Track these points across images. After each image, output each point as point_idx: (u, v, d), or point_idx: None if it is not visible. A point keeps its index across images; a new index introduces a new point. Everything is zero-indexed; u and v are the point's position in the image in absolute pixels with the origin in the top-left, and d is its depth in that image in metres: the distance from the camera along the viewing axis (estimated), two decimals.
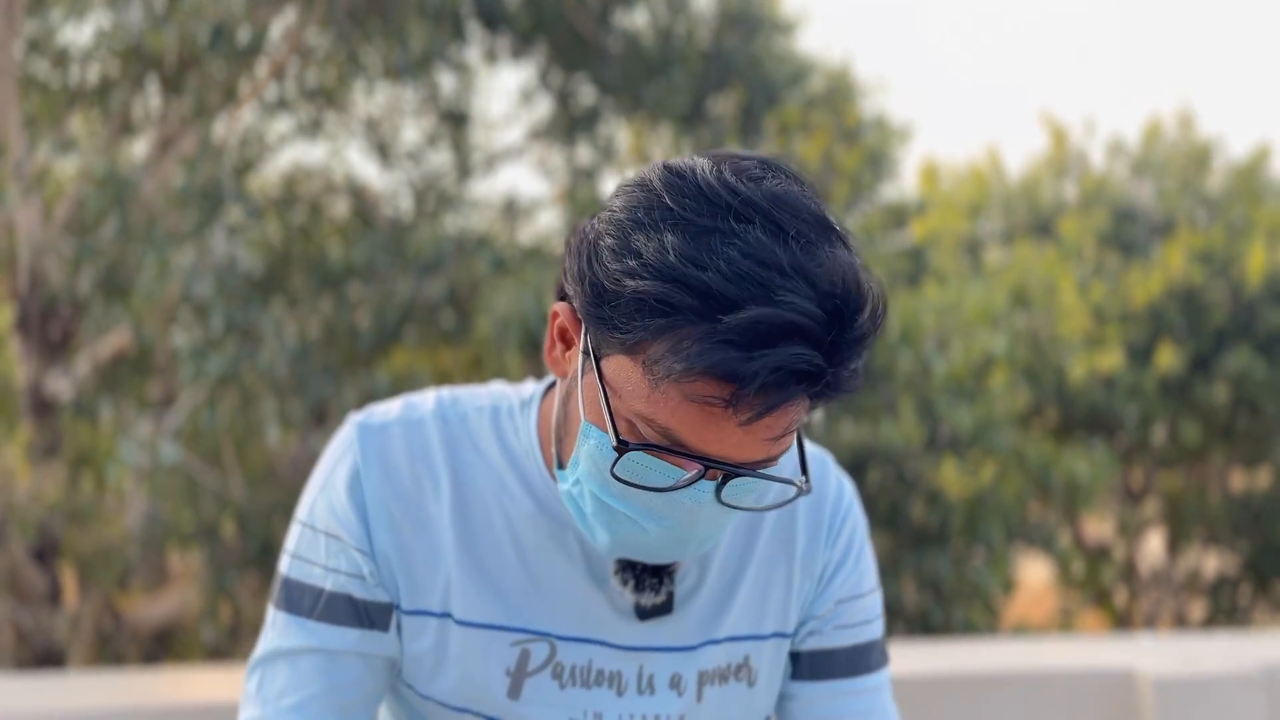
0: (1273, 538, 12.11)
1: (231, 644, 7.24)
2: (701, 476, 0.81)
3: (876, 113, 9.27)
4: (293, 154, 10.92)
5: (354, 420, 0.99)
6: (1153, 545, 13.26)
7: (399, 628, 0.95)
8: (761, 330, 0.73)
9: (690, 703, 0.97)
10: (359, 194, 6.77)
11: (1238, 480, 13.05)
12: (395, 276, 5.63)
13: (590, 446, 0.84)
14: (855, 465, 5.89)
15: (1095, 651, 1.98)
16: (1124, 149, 12.78)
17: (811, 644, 1.01)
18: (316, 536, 0.95)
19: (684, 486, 0.81)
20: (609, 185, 8.72)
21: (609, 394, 0.82)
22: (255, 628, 7.65)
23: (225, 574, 6.61)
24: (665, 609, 0.95)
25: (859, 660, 1.02)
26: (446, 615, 0.94)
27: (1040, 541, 8.57)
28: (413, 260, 5.63)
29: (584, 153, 8.48)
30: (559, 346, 0.91)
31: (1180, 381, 11.19)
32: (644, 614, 0.95)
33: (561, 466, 0.91)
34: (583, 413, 0.85)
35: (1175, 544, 12.87)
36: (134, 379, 6.83)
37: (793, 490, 0.85)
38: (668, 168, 0.81)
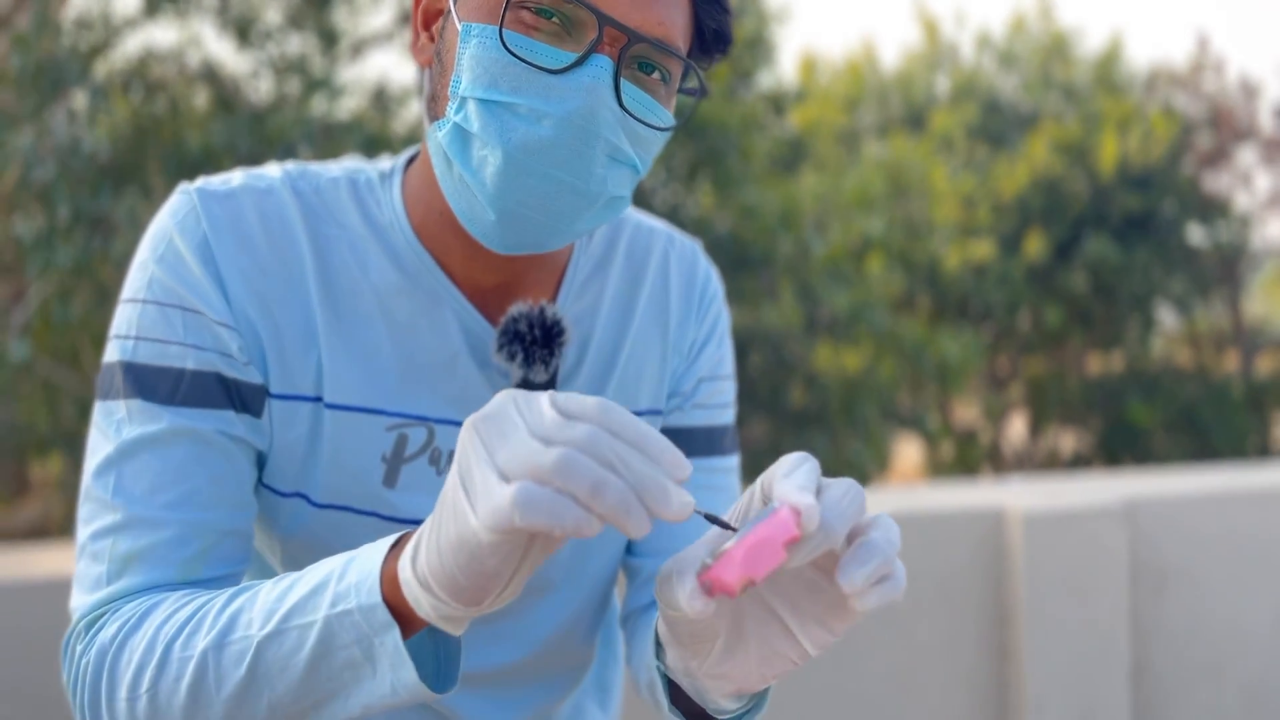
0: (1123, 417, 12.87)
1: None
2: (595, 46, 0.76)
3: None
4: (143, 37, 10.22)
5: (187, 187, 0.86)
6: (1016, 427, 13.94)
7: (270, 414, 0.84)
8: None
9: None
10: (216, 77, 6.38)
11: (1094, 364, 13.77)
12: (258, 161, 5.34)
13: (473, 47, 0.77)
14: (738, 350, 5.97)
15: (966, 494, 2.04)
16: (991, 42, 13.00)
17: (673, 421, 0.99)
18: (165, 312, 0.81)
19: (582, 61, 0.76)
20: None
21: None
22: None
23: None
24: (548, 388, 0.89)
25: (714, 442, 1.01)
26: (318, 399, 0.85)
27: (913, 423, 8.90)
28: (276, 144, 5.35)
29: None
30: (423, 36, 0.85)
31: (1044, 269, 11.64)
32: (536, 388, 0.88)
33: (437, 119, 0.81)
34: (458, 21, 0.78)
35: (1036, 425, 13.57)
36: None
37: (671, 121, 0.82)
38: None
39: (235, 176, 0.88)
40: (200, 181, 0.88)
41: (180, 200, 0.86)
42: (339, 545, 0.82)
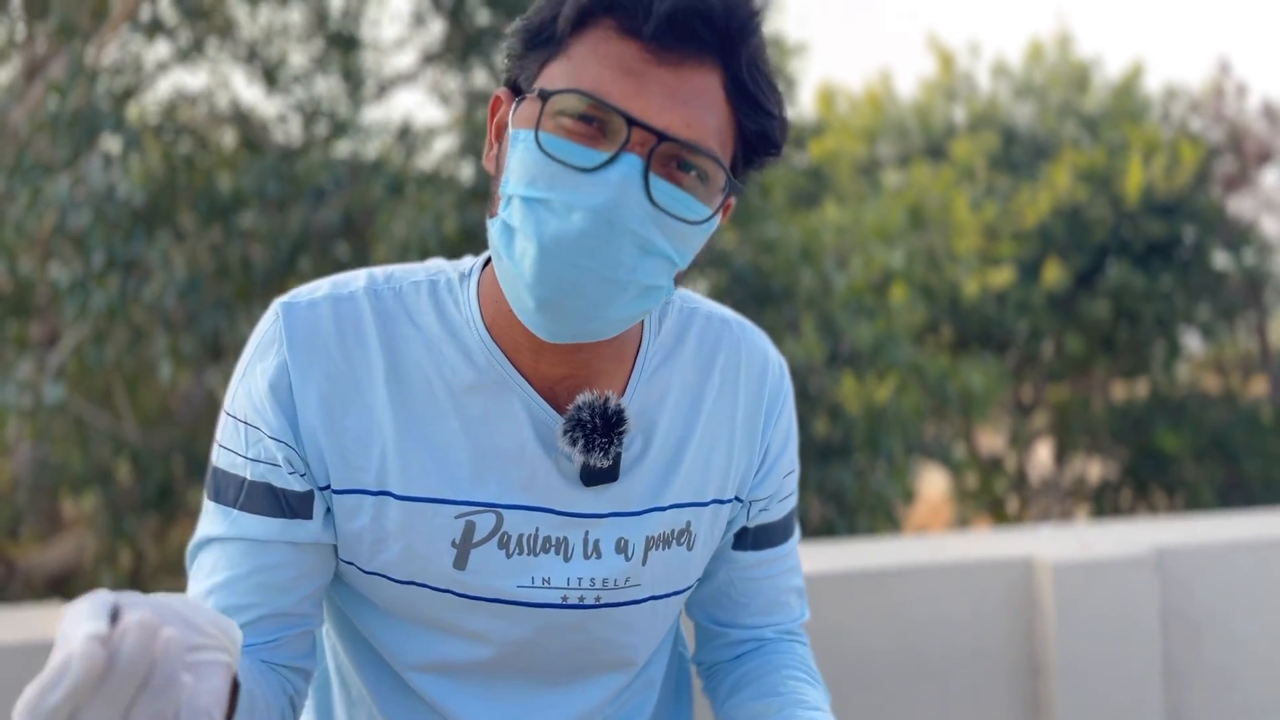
0: (1150, 444, 12.76)
1: (132, 589, 7.07)
2: (625, 145, 0.82)
3: (772, 32, 9.25)
4: (173, 80, 10.42)
5: (279, 301, 0.96)
6: (1041, 455, 13.85)
7: (329, 509, 0.94)
8: None
9: (636, 565, 0.98)
10: (245, 120, 6.50)
11: (1119, 391, 13.67)
12: (287, 204, 5.43)
13: (519, 151, 0.85)
14: None
15: (995, 543, 2.05)
16: (1008, 71, 13.03)
17: (760, 519, 1.07)
18: (238, 426, 0.94)
19: (613, 161, 0.82)
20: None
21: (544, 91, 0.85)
22: (159, 571, 7.47)
23: (123, 517, 6.42)
24: (611, 475, 0.95)
25: (789, 526, 1.10)
26: (384, 493, 0.93)
27: (938, 454, 8.86)
28: (304, 186, 5.44)
29: (480, 76, 8.27)
30: (495, 146, 0.92)
31: (1066, 296, 11.60)
32: (590, 479, 0.95)
33: (493, 216, 0.90)
34: (513, 125, 0.86)
35: (1062, 453, 13.47)
36: (11, 319, 6.51)
37: (704, 213, 0.86)
38: None
39: (323, 285, 0.97)
40: (291, 294, 0.97)
41: (268, 318, 0.96)
42: (425, 613, 0.96)
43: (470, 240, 5.29)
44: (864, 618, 1.83)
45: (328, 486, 0.93)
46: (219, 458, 0.95)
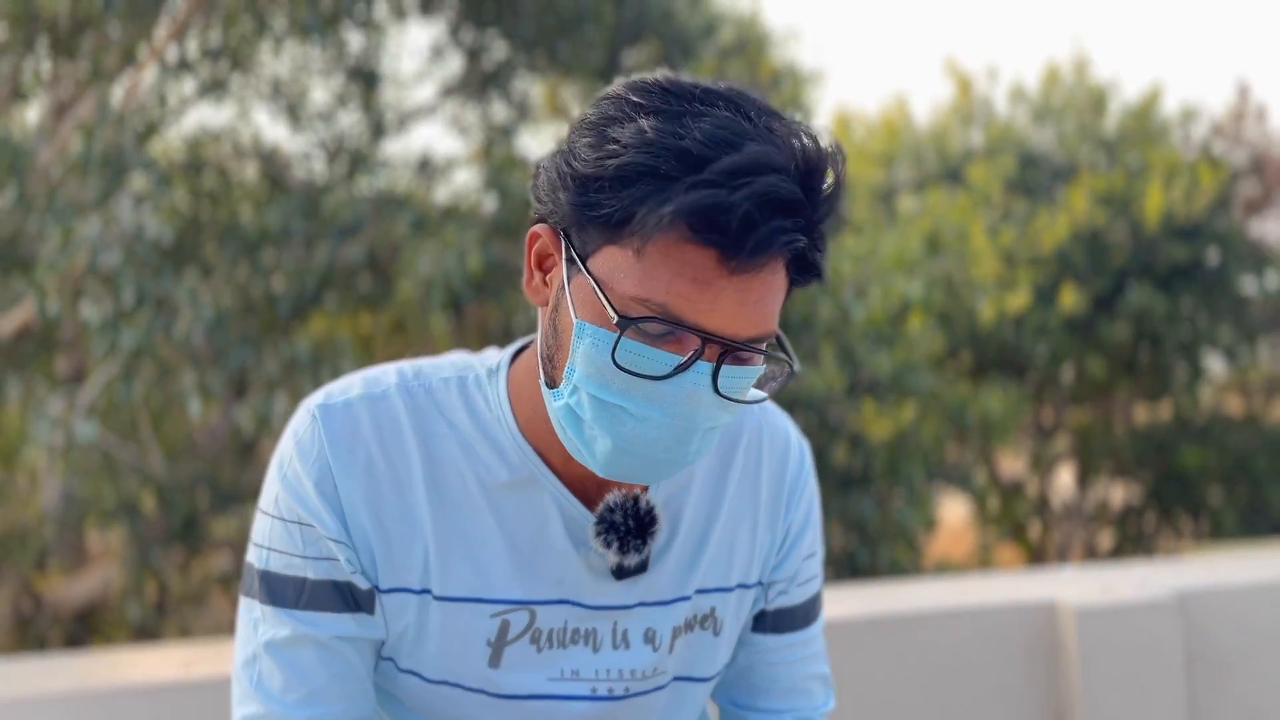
0: (1174, 468, 12.66)
1: (158, 621, 7.12)
2: (699, 356, 0.82)
3: (787, 61, 9.31)
4: (197, 117, 10.56)
5: (312, 404, 0.96)
6: (1063, 479, 13.76)
7: (381, 608, 0.95)
8: (739, 167, 0.78)
9: (664, 654, 1.00)
10: (269, 157, 6.59)
11: (1141, 414, 13.58)
12: (312, 240, 5.51)
13: (586, 345, 0.84)
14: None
15: (1017, 586, 2.07)
16: (1025, 95, 13.05)
17: (778, 603, 1.07)
18: (289, 528, 0.94)
19: (685, 368, 0.82)
20: (525, 143, 8.63)
21: (601, 286, 0.83)
22: (182, 603, 7.53)
23: (149, 550, 6.48)
24: (641, 568, 0.97)
25: (810, 611, 1.10)
26: (426, 591, 0.94)
27: (959, 480, 8.84)
28: (329, 223, 5.51)
29: (499, 110, 8.36)
30: (537, 275, 0.91)
31: (1085, 320, 11.57)
32: (621, 574, 0.96)
33: (553, 386, 0.89)
34: (574, 315, 0.85)
35: (1084, 477, 13.38)
36: (41, 355, 6.60)
37: (762, 395, 0.89)
38: (629, 80, 0.86)
39: (355, 386, 0.98)
40: (322, 395, 0.98)
41: (302, 420, 0.97)
42: (454, 714, 0.97)
43: (494, 275, 5.34)
44: (887, 663, 1.85)
45: (376, 586, 0.94)
46: (268, 560, 0.94)
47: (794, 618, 1.08)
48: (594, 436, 0.86)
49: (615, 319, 0.81)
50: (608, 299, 0.82)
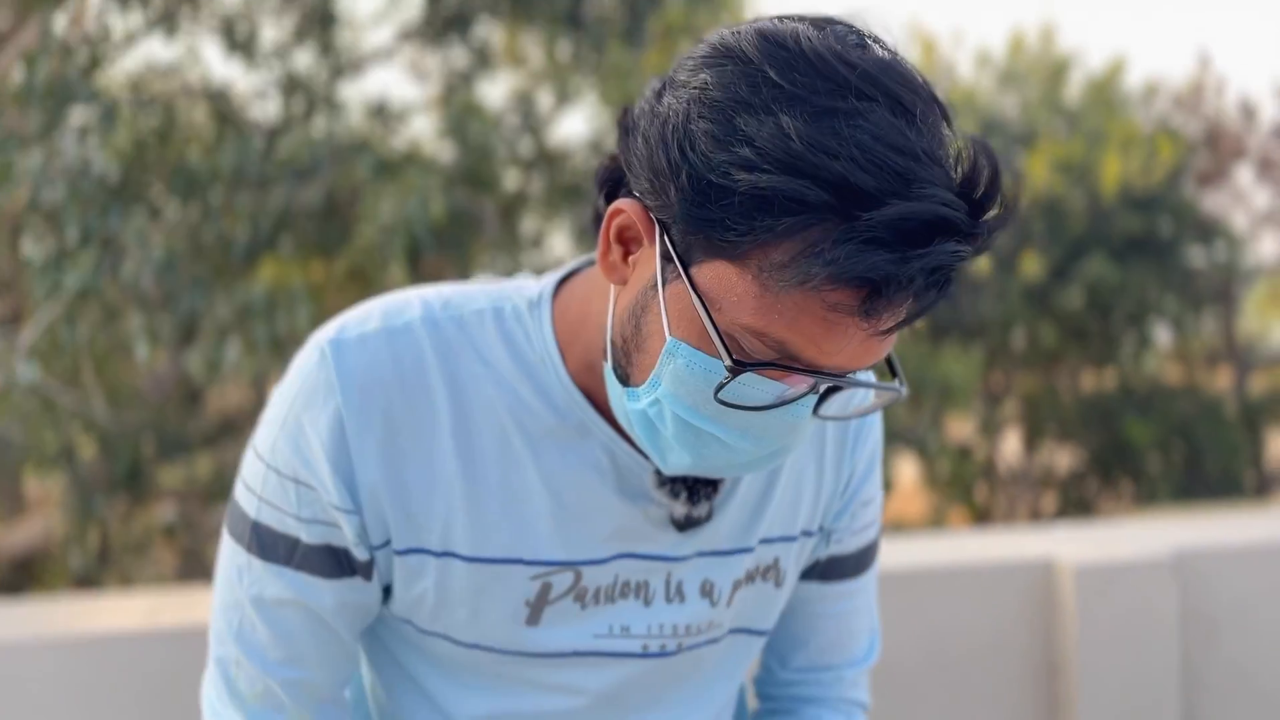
0: (1117, 434, 12.91)
1: (101, 570, 6.94)
2: (810, 391, 0.73)
3: (755, 14, 9.18)
4: (144, 51, 10.19)
5: (323, 338, 0.84)
6: (1011, 444, 13.97)
7: (390, 569, 0.86)
8: (911, 227, 0.64)
9: (721, 609, 0.91)
10: (220, 96, 6.35)
11: (1088, 381, 13.81)
12: (266, 182, 5.32)
13: (679, 367, 0.72)
14: None
15: (1014, 543, 2.03)
16: (990, 61, 13.06)
17: (832, 550, 0.99)
18: (285, 484, 0.83)
19: (790, 402, 0.73)
20: (486, 90, 8.43)
21: (709, 306, 0.70)
22: (125, 553, 7.35)
23: (91, 498, 6.30)
24: (708, 517, 0.87)
25: (864, 559, 1.01)
26: (448, 554, 0.84)
27: (915, 443, 8.91)
28: (285, 165, 5.32)
29: (458, 55, 8.15)
30: (615, 250, 0.77)
31: (1040, 287, 11.68)
32: (687, 525, 0.87)
33: (627, 383, 0.78)
34: (667, 329, 0.72)
35: (1031, 442, 13.59)
36: None
37: (883, 397, 0.79)
38: (763, 35, 0.69)
39: (372, 317, 0.85)
40: (336, 328, 0.85)
41: (310, 356, 0.84)
42: (492, 669, 0.88)
43: (455, 224, 5.21)
44: (885, 619, 1.80)
45: (387, 544, 0.84)
46: (259, 511, 0.85)
47: (845, 566, 1.00)
48: (669, 448, 0.77)
49: (728, 362, 0.69)
50: (715, 326, 0.70)
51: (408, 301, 0.86)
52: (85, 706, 1.54)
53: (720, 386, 0.70)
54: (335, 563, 0.84)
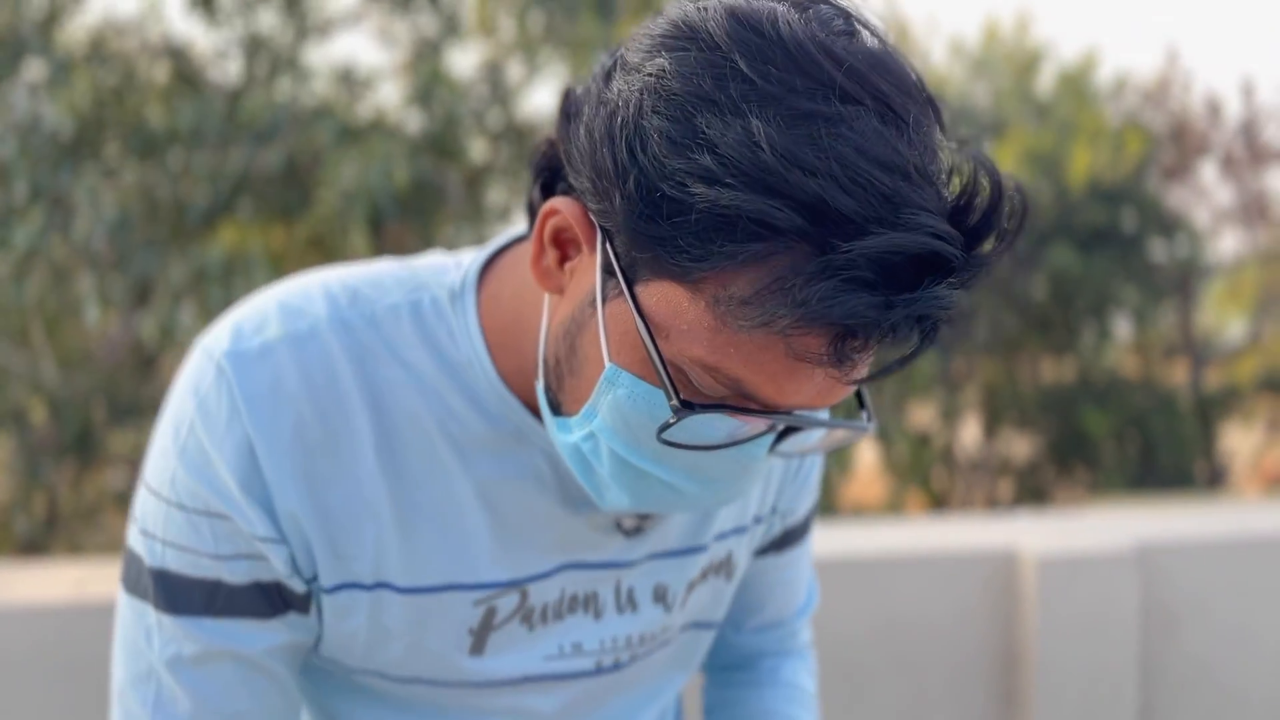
0: (1074, 424, 13.06)
1: (48, 536, 6.80)
2: (767, 431, 0.64)
3: None
4: (102, 5, 9.92)
5: (217, 350, 0.71)
6: (970, 431, 14.09)
7: (319, 609, 0.74)
8: (897, 264, 0.54)
9: (676, 612, 0.84)
10: (181, 55, 6.19)
11: (1048, 370, 13.95)
12: (226, 144, 5.19)
13: (619, 399, 0.63)
14: None
15: (976, 532, 2.00)
16: (964, 49, 13.08)
17: (786, 524, 0.92)
18: (194, 520, 0.70)
19: (744, 442, 0.64)
20: (456, 59, 8.28)
21: (654, 334, 0.60)
22: (74, 519, 7.21)
23: (38, 463, 6.16)
24: (656, 520, 0.80)
25: (811, 520, 0.96)
26: (382, 585, 0.73)
27: (876, 428, 8.94)
28: (246, 127, 5.20)
29: (427, 22, 8.01)
30: (550, 254, 0.67)
31: (1004, 276, 11.75)
32: (633, 532, 0.79)
33: (558, 412, 0.69)
34: (606, 353, 0.62)
35: (990, 429, 13.71)
36: None
37: (849, 433, 0.70)
38: (734, 14, 0.57)
39: (270, 320, 0.72)
40: (229, 335, 0.72)
41: (204, 370, 0.71)
42: (425, 703, 0.79)
43: (420, 193, 5.12)
44: (842, 606, 1.77)
45: (314, 579, 0.73)
46: (164, 557, 0.71)
47: (797, 533, 0.94)
48: (606, 486, 0.68)
49: (675, 401, 0.59)
50: (660, 357, 0.60)
51: (308, 296, 0.74)
52: (10, 679, 1.47)
53: (665, 426, 0.61)
54: (267, 601, 0.72)
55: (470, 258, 0.78)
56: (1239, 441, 15.42)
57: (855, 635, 1.78)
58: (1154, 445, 13.37)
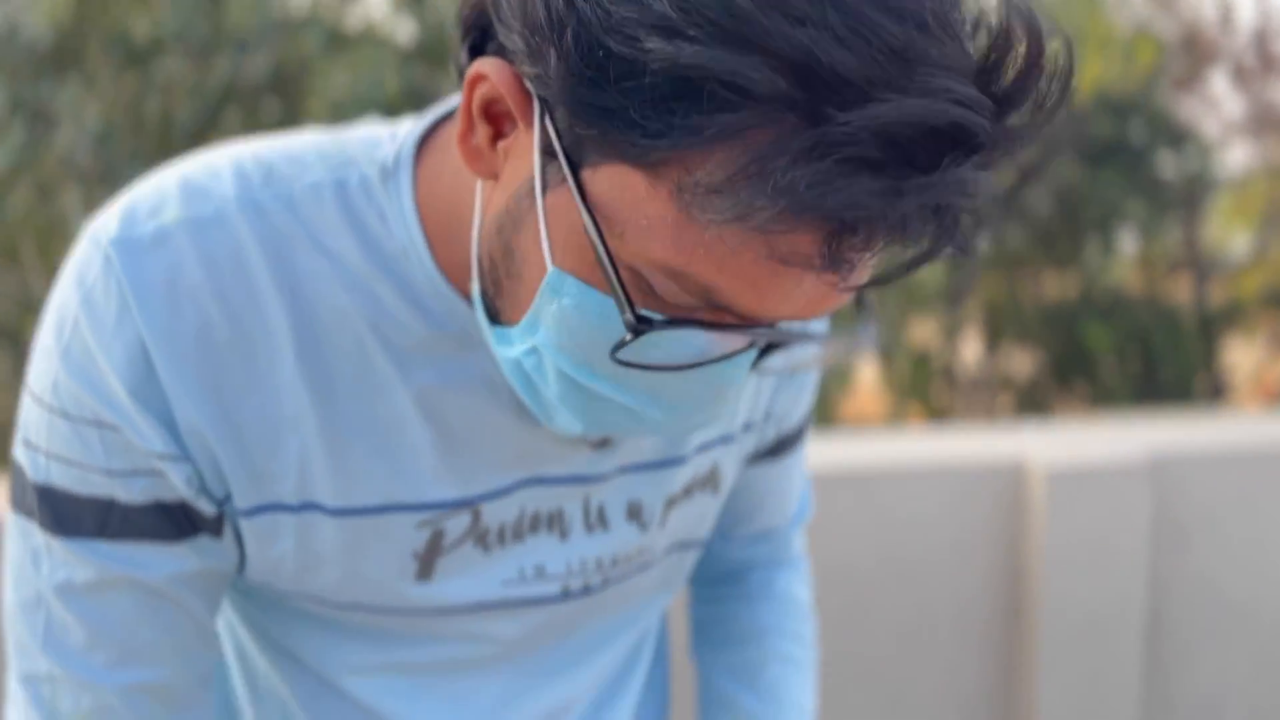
0: (1076, 340, 13.00)
1: None
2: (746, 348, 0.55)
3: None
4: None
5: (104, 236, 0.60)
6: (971, 347, 14.05)
7: (237, 533, 0.65)
8: (908, 139, 0.42)
9: (654, 532, 0.75)
10: None
11: (1050, 284, 13.84)
12: (210, 52, 5.04)
13: (565, 308, 0.52)
14: None
15: (984, 445, 1.95)
16: None
17: (780, 430, 0.84)
18: (79, 430, 0.60)
19: (717, 361, 0.54)
20: None
21: (603, 230, 0.49)
22: None
23: None
24: None
25: (807, 424, 0.88)
26: (309, 506, 0.64)
27: (879, 344, 8.89)
28: (232, 34, 5.04)
29: None
30: (481, 130, 0.55)
31: (1010, 190, 11.58)
32: (600, 443, 0.70)
33: (497, 321, 0.59)
34: (548, 254, 0.52)
35: (992, 345, 13.67)
36: None
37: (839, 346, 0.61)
38: None
39: (169, 200, 0.61)
40: (119, 222, 0.60)
41: (92, 261, 0.60)
42: (370, 629, 0.71)
43: (411, 103, 4.98)
44: (845, 520, 1.73)
45: (227, 499, 0.64)
46: (49, 472, 0.61)
47: (791, 439, 0.86)
48: (554, 409, 0.59)
49: (629, 316, 0.49)
50: (612, 260, 0.49)
51: (215, 174, 0.63)
52: None
53: (620, 345, 0.51)
54: (171, 523, 0.63)
55: (408, 127, 0.66)
56: (1241, 356, 15.39)
57: (857, 552, 1.74)
58: (1156, 361, 13.34)
